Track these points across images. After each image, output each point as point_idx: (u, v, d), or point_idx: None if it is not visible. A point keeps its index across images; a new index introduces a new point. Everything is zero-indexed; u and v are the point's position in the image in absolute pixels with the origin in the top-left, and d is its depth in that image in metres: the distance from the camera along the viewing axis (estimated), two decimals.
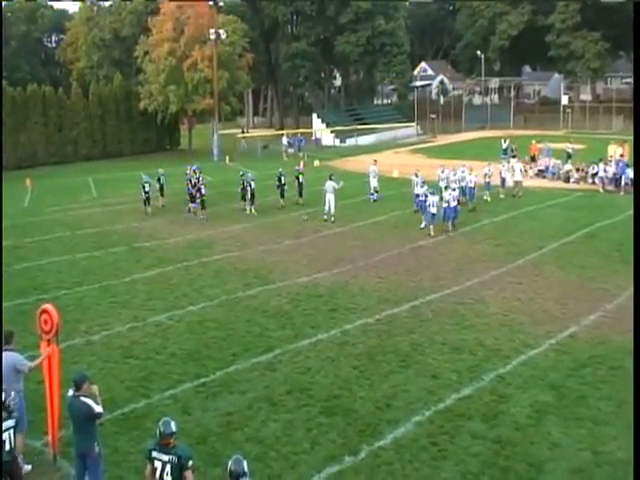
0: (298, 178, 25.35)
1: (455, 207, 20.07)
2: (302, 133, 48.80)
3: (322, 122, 54.11)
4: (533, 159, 32.55)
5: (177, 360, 11.49)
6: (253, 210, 24.04)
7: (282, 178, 24.81)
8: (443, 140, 50.49)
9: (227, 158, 42.55)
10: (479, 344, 11.92)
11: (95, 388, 7.36)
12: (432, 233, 19.98)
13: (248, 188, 24.37)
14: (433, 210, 19.96)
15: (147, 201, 24.56)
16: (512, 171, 26.97)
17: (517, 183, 26.67)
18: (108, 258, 18.65)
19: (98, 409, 7.10)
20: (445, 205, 20.07)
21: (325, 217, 22.42)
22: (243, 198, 24.65)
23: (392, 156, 41.35)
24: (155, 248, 19.97)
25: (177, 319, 13.61)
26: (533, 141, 34.37)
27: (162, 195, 26.25)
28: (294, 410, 9.62)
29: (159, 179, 26.09)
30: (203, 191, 23.86)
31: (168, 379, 10.73)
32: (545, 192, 27.40)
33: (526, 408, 9.52)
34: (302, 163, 34.55)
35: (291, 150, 44.99)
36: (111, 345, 12.14)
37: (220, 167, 38.54)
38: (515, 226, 21.66)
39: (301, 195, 25.33)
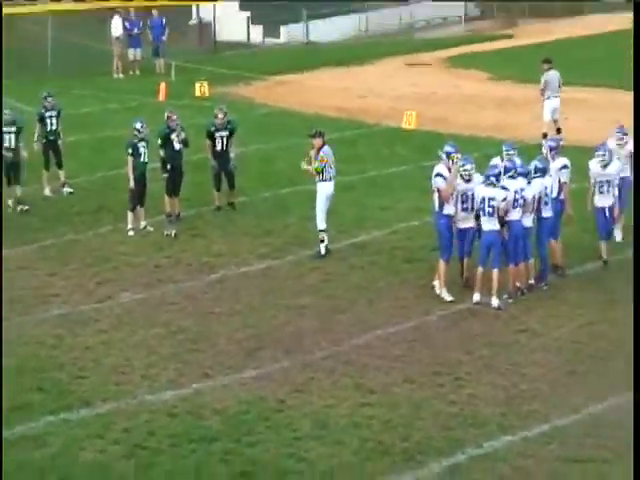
0: (223, 141, 19.74)
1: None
2: (162, 7, 38.84)
3: None
4: None
5: None
6: (142, 223, 18.41)
7: (174, 142, 18.85)
8: (534, 35, 42.36)
9: None
10: None
11: None
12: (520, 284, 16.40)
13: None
14: (515, 215, 16.02)
15: None
16: None
17: None
18: None
19: None
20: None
21: (323, 238, 17.89)
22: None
23: (401, 74, 33.45)
24: None
25: None
26: None
27: None
28: None
29: None
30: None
31: None
32: None
33: None
34: (163, 86, 28.03)
35: (134, 52, 34.02)
36: None
37: None
38: None
39: (231, 185, 20.29)
